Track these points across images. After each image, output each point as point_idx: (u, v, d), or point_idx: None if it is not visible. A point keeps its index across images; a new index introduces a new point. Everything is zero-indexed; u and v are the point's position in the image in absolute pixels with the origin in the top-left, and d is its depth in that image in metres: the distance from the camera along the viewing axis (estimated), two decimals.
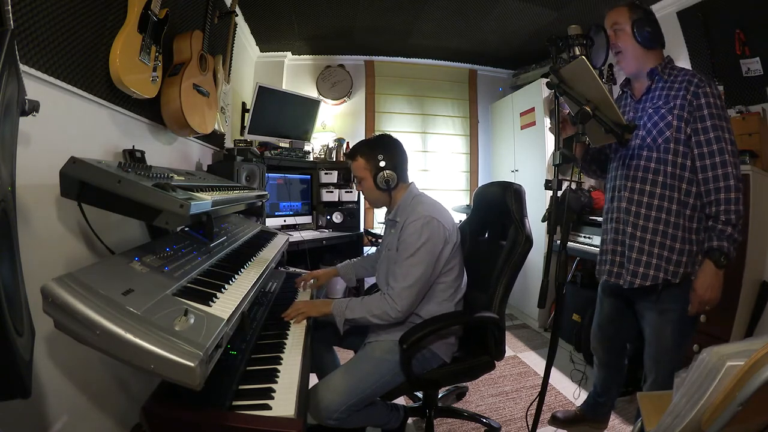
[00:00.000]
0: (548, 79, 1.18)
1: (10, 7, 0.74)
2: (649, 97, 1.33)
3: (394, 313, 1.24)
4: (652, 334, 1.34)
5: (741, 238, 1.19)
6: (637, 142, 1.33)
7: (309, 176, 3.30)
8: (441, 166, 4.06)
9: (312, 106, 3.32)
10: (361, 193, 1.47)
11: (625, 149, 1.37)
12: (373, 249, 3.35)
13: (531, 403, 1.37)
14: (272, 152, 2.94)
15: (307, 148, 3.30)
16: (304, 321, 1.31)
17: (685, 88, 1.23)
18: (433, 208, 1.34)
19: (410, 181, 1.46)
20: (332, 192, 3.23)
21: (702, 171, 1.22)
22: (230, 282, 1.02)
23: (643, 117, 1.33)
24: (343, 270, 1.69)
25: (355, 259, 1.74)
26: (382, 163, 1.37)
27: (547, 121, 2.88)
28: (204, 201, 0.94)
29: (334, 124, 3.85)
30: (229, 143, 2.78)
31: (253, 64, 3.53)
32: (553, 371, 1.62)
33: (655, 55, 1.32)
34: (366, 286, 1.82)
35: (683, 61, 2.44)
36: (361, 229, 3.32)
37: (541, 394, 1.23)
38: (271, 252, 1.54)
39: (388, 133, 1.56)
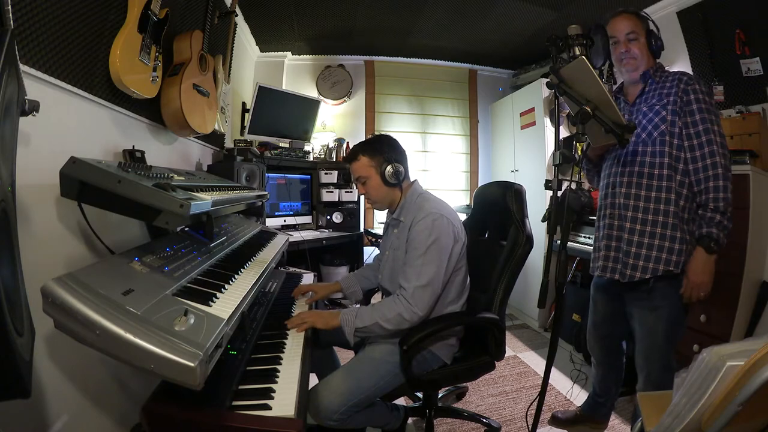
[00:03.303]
0: (548, 79, 1.18)
1: (10, 7, 0.74)
2: (643, 99, 1.39)
3: (409, 315, 1.18)
4: (643, 332, 1.36)
5: (731, 225, 1.24)
6: (633, 140, 1.36)
7: (309, 176, 3.30)
8: (441, 166, 4.07)
9: (312, 106, 3.33)
10: (364, 196, 1.41)
11: (620, 148, 1.39)
12: (373, 249, 3.36)
13: (531, 403, 1.37)
14: (272, 152, 2.94)
15: (307, 148, 3.30)
16: None
17: (676, 86, 1.30)
18: (440, 205, 1.32)
19: (413, 179, 1.43)
20: (332, 192, 3.23)
21: (692, 162, 1.27)
22: (230, 282, 1.02)
23: (638, 116, 1.38)
24: (346, 284, 1.59)
25: (356, 271, 1.68)
26: (387, 157, 1.33)
27: (547, 120, 2.88)
28: (204, 201, 0.94)
29: (334, 124, 3.85)
30: (229, 143, 2.78)
31: (253, 64, 3.53)
32: (553, 371, 1.62)
33: (654, 63, 1.40)
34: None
35: (683, 61, 2.45)
36: (361, 229, 3.32)
37: (541, 394, 1.23)
38: (271, 252, 1.54)
39: (387, 133, 1.54)
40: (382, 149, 1.35)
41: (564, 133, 2.75)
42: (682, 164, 1.30)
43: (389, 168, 1.32)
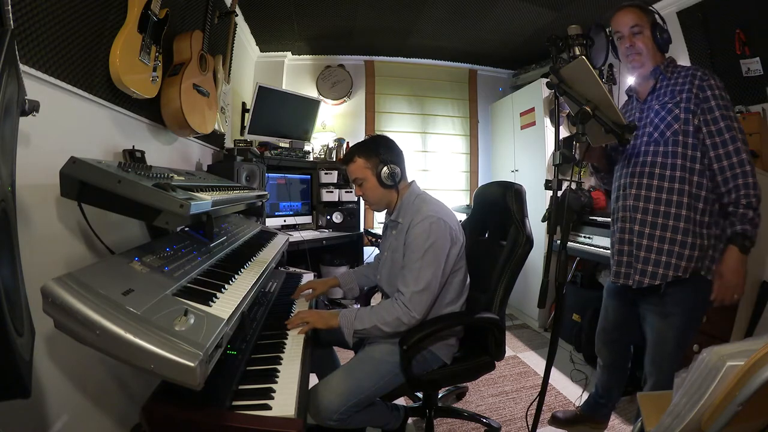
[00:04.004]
0: (548, 79, 1.18)
1: (10, 7, 0.74)
2: (654, 96, 1.34)
3: (407, 319, 1.19)
4: (654, 338, 1.33)
5: (760, 222, 1.19)
6: (644, 138, 1.32)
7: (309, 176, 3.30)
8: (441, 166, 4.07)
9: (312, 106, 3.33)
10: (362, 197, 1.41)
11: (632, 147, 1.36)
12: (373, 249, 3.35)
13: (531, 403, 1.37)
14: (272, 152, 2.94)
15: (307, 148, 3.30)
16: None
17: (689, 82, 1.24)
18: (438, 207, 1.31)
19: (411, 180, 1.43)
20: (332, 192, 3.23)
21: (717, 161, 1.21)
22: (230, 282, 1.02)
23: (649, 114, 1.33)
24: (344, 280, 1.61)
25: (356, 268, 1.69)
26: (383, 159, 1.33)
27: (547, 120, 2.88)
28: (204, 201, 0.94)
29: (334, 124, 3.85)
30: (229, 143, 2.78)
31: (253, 64, 3.53)
32: (553, 371, 1.62)
33: (662, 57, 1.35)
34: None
35: (683, 62, 2.44)
36: (361, 229, 3.32)
37: (541, 394, 1.23)
38: (271, 252, 1.54)
39: (387, 133, 1.54)
40: (378, 150, 1.34)
41: (564, 133, 2.76)
42: (699, 164, 1.24)
43: (385, 169, 1.31)
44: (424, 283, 1.20)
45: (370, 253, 3.45)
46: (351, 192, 3.25)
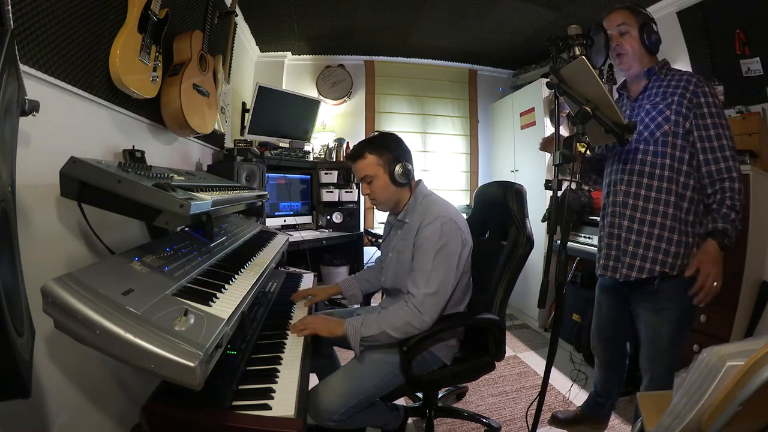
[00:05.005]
0: (548, 79, 1.18)
1: (10, 7, 0.74)
2: (645, 95, 1.36)
3: (418, 323, 1.15)
4: (648, 334, 1.34)
5: (740, 227, 1.22)
6: (634, 137, 1.34)
7: (309, 176, 3.30)
8: (441, 166, 4.07)
9: (312, 106, 3.33)
10: (368, 195, 1.36)
11: None
12: (374, 250, 3.35)
13: (531, 403, 1.36)
14: (272, 152, 2.94)
15: (307, 148, 3.30)
16: None
17: (683, 87, 1.26)
18: (447, 208, 1.29)
19: (418, 179, 1.40)
20: (332, 192, 3.23)
21: (705, 164, 1.25)
22: (230, 282, 1.02)
23: (640, 113, 1.35)
24: (345, 286, 1.58)
25: (356, 274, 1.67)
26: (396, 156, 1.29)
27: (547, 120, 2.88)
28: (204, 201, 0.94)
29: (334, 124, 3.85)
30: (229, 143, 2.78)
31: (253, 64, 3.53)
32: (553, 371, 1.62)
33: (653, 59, 1.37)
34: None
35: (683, 61, 2.45)
36: (361, 229, 3.32)
37: (541, 394, 1.23)
38: (271, 252, 1.54)
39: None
40: (390, 147, 1.31)
41: (564, 133, 2.76)
42: (686, 166, 1.27)
43: (398, 167, 1.29)
44: (436, 285, 1.17)
45: (372, 255, 3.44)
46: (351, 192, 3.25)
